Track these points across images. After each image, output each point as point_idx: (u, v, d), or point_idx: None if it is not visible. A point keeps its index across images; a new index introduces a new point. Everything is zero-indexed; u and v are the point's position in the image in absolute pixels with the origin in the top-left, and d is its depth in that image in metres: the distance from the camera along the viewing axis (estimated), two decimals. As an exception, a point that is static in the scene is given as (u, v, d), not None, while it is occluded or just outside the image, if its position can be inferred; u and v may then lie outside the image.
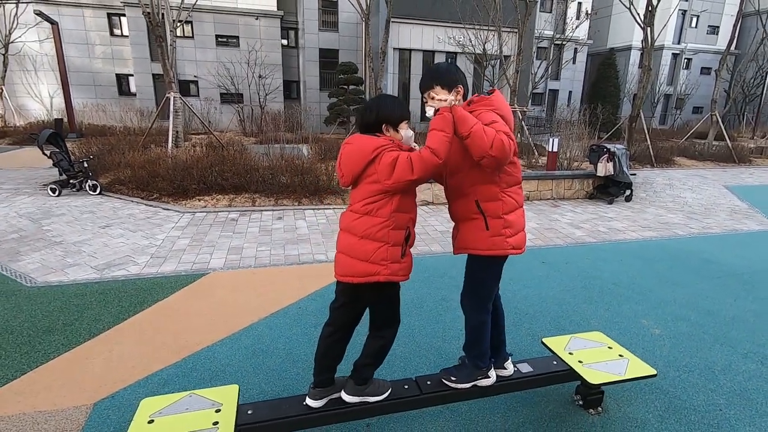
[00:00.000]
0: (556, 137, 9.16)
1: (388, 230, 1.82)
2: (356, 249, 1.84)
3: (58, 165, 7.24)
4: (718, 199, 8.60)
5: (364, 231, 1.83)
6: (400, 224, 1.86)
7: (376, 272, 1.83)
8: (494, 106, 1.91)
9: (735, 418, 2.38)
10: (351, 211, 1.89)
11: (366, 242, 1.83)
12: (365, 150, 1.79)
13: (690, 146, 15.02)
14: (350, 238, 1.87)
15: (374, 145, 1.79)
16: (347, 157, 1.84)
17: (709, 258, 5.05)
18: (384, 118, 1.89)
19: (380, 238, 1.83)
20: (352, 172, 1.83)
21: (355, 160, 1.81)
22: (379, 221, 1.82)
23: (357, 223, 1.85)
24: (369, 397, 2.02)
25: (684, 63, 28.32)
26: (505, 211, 1.95)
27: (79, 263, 4.36)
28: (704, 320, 3.51)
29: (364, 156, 1.78)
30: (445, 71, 1.94)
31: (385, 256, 1.83)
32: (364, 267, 1.83)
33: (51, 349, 2.88)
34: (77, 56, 19.45)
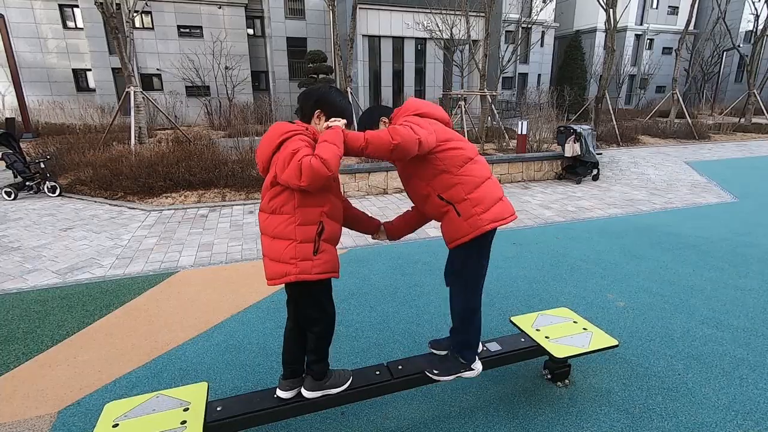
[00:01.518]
0: (525, 120, 9.30)
1: (294, 227, 1.73)
2: (270, 249, 1.77)
3: (12, 167, 6.89)
4: (679, 174, 8.95)
5: (273, 230, 1.75)
6: (309, 219, 1.74)
7: (286, 272, 1.73)
8: (408, 111, 1.99)
9: (692, 381, 2.50)
10: (261, 212, 1.81)
11: (277, 242, 1.75)
12: (275, 134, 1.69)
13: (653, 125, 15.51)
14: (265, 239, 1.80)
15: (282, 129, 1.69)
16: (261, 142, 1.75)
17: (671, 231, 5.27)
18: (322, 105, 1.80)
19: (287, 236, 1.73)
20: (262, 158, 1.74)
21: (266, 145, 1.71)
22: (284, 218, 1.73)
23: (267, 223, 1.77)
24: (330, 390, 1.97)
25: (647, 43, 29.12)
26: (467, 191, 1.91)
27: (39, 268, 4.19)
28: (665, 290, 3.67)
29: (272, 140, 1.69)
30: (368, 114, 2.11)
31: (294, 254, 1.73)
32: (277, 268, 1.75)
33: (11, 359, 2.77)
34: (28, 51, 18.42)
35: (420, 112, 1.98)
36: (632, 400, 2.34)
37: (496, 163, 8.06)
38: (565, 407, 2.30)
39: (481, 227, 1.90)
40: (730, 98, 25.71)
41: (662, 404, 2.32)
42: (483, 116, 11.98)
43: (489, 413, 2.26)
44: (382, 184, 7.30)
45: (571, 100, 16.32)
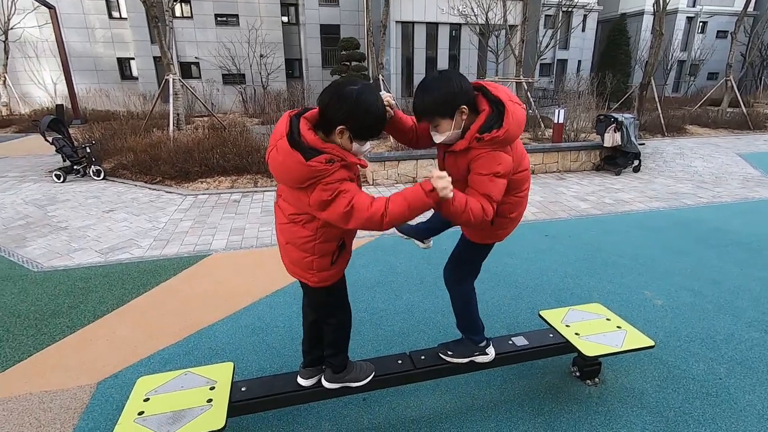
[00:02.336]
0: (562, 108, 8.93)
1: (313, 244, 1.61)
2: (285, 250, 1.70)
3: (61, 151, 7.28)
4: (731, 167, 8.38)
5: (291, 237, 1.63)
6: (331, 237, 1.62)
7: (305, 277, 1.70)
8: (507, 142, 1.62)
9: (735, 386, 2.36)
10: (279, 208, 1.66)
11: (291, 248, 1.65)
12: (297, 177, 1.42)
13: (703, 114, 14.57)
14: (281, 236, 1.69)
15: (308, 174, 1.40)
16: (275, 167, 1.47)
17: (718, 227, 4.95)
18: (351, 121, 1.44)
19: (306, 250, 1.63)
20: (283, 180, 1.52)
21: (285, 177, 1.47)
22: (305, 234, 1.59)
23: (284, 228, 1.64)
24: (350, 383, 1.96)
25: (699, 27, 27.22)
26: (511, 210, 1.85)
27: (84, 248, 4.42)
28: (708, 290, 3.46)
29: (294, 181, 1.44)
30: (438, 97, 1.60)
31: (311, 267, 1.66)
32: (295, 269, 1.71)
33: (56, 332, 2.95)
34: (78, 41, 19.32)
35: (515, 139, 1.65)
36: (667, 403, 2.23)
37: (531, 153, 7.80)
38: (593, 406, 2.22)
39: (499, 239, 1.97)
40: (792, 85, 23.73)
41: (700, 409, 2.19)
42: (519, 104, 11.60)
43: (512, 408, 2.21)
44: (411, 172, 7.24)
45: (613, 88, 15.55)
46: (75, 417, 2.20)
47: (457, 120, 1.64)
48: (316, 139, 1.43)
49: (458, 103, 1.61)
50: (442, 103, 1.60)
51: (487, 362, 2.18)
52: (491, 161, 1.60)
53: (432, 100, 1.61)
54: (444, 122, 1.64)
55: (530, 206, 5.84)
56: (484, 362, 2.18)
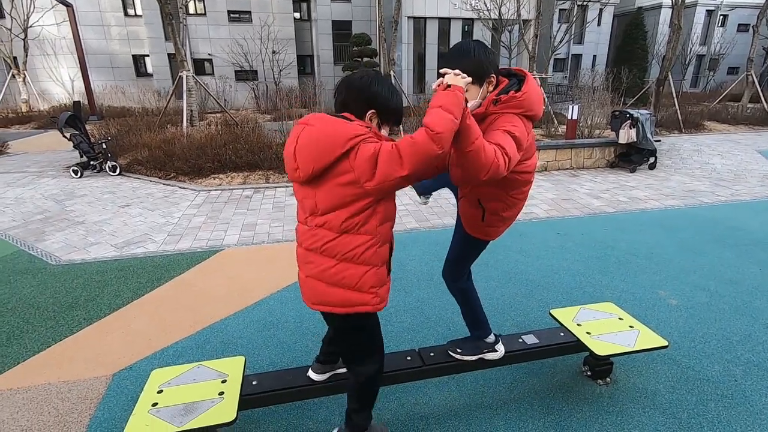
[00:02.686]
0: (576, 104, 8.80)
1: (374, 250, 1.43)
2: (334, 275, 1.44)
3: (78, 147, 7.43)
4: (750, 164, 8.17)
5: (344, 253, 1.42)
6: (386, 238, 1.48)
7: (364, 302, 1.47)
8: (524, 107, 1.59)
9: (751, 389, 2.31)
10: (320, 227, 1.42)
11: (347, 266, 1.43)
12: (337, 138, 1.29)
13: (722, 110, 14.23)
14: (323, 260, 1.45)
15: (350, 132, 1.30)
16: (308, 143, 1.33)
17: (736, 226, 4.84)
18: (377, 104, 1.43)
19: (366, 260, 1.43)
20: (313, 165, 1.33)
21: (322, 149, 1.30)
22: (364, 240, 1.41)
23: (332, 245, 1.41)
24: None
25: (719, 20, 26.52)
26: (505, 209, 1.83)
27: (100, 242, 4.51)
28: (725, 290, 3.39)
29: (335, 146, 1.29)
30: (471, 59, 1.55)
31: (374, 282, 1.46)
32: (346, 295, 1.45)
33: (74, 324, 3.02)
34: (94, 38, 19.62)
35: (530, 113, 1.63)
36: (680, 404, 2.20)
37: (543, 150, 7.72)
38: (604, 406, 2.20)
39: (493, 237, 1.94)
40: (817, 80, 22.99)
41: (714, 411, 2.16)
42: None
43: (522, 406, 2.21)
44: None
45: (629, 83, 15.26)
46: (92, 407, 2.25)
47: (483, 89, 1.62)
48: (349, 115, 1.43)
49: (489, 70, 1.60)
50: (477, 67, 1.55)
51: (497, 359, 2.17)
52: (506, 120, 1.56)
53: (467, 62, 1.54)
54: (472, 89, 1.59)
55: (542, 203, 5.78)
56: (494, 359, 2.17)
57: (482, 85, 1.61)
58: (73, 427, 2.12)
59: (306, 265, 1.51)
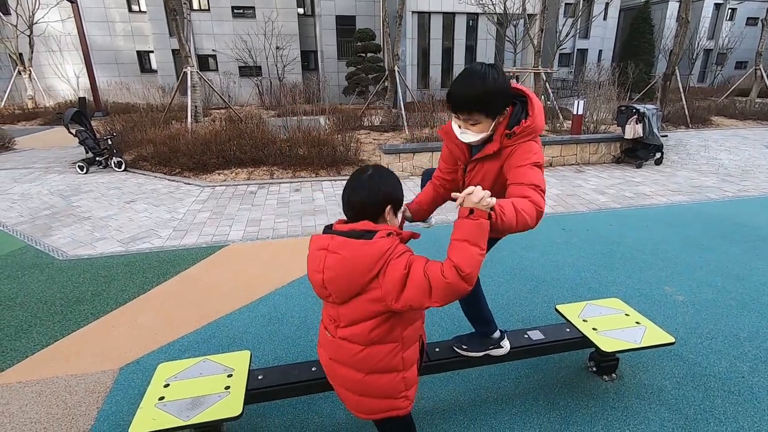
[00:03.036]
0: (582, 99, 8.73)
1: (401, 356, 1.41)
2: (365, 386, 1.42)
3: (84, 143, 7.46)
4: (758, 160, 8.09)
5: (372, 366, 1.39)
6: (413, 339, 1.45)
7: (396, 407, 1.45)
8: (535, 132, 1.54)
9: (758, 385, 2.29)
10: (347, 341, 1.39)
11: (376, 378, 1.40)
12: (366, 265, 1.27)
13: (730, 105, 14.08)
14: (352, 374, 1.42)
15: (376, 254, 1.26)
16: (338, 276, 1.30)
17: (743, 222, 4.80)
18: (392, 199, 1.39)
19: (394, 368, 1.41)
20: (348, 294, 1.32)
21: (354, 280, 1.29)
22: (391, 348, 1.39)
23: (360, 358, 1.38)
24: None
25: (728, 14, 26.20)
26: None
27: (106, 237, 4.54)
28: (732, 286, 3.36)
29: (365, 273, 1.27)
30: (491, 92, 1.45)
31: (404, 387, 1.44)
32: (379, 404, 1.45)
33: (81, 318, 3.05)
34: (99, 34, 19.68)
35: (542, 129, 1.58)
36: (687, 401, 2.19)
37: (548, 145, 7.67)
38: (610, 402, 2.19)
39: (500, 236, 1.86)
40: (827, 75, 22.69)
41: (721, 407, 2.14)
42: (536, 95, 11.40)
43: (527, 401, 2.20)
44: (426, 164, 7.19)
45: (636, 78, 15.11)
46: (99, 400, 2.27)
47: (497, 121, 1.54)
48: (365, 223, 1.34)
49: (506, 103, 1.53)
50: (495, 99, 1.48)
51: (502, 355, 2.17)
52: (526, 151, 1.52)
53: (484, 93, 1.46)
54: (485, 122, 1.53)
55: (547, 199, 5.71)
56: (500, 355, 2.17)
57: (495, 118, 1.54)
58: (81, 420, 2.14)
59: (332, 374, 1.50)
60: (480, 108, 1.50)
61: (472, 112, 1.52)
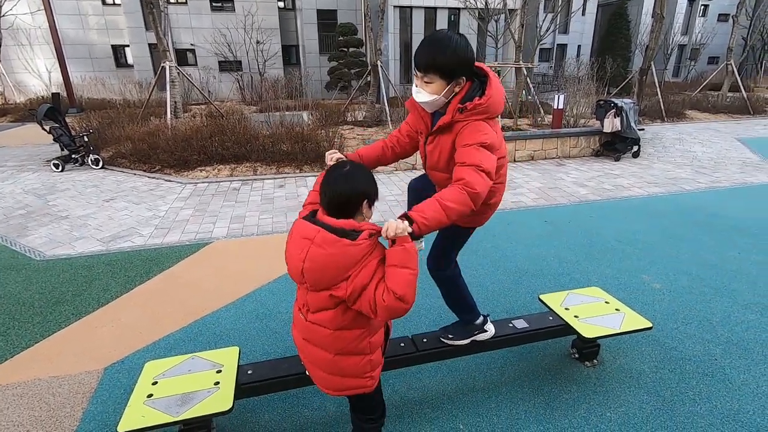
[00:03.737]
0: (562, 94, 8.88)
1: (368, 340, 1.52)
2: (334, 366, 1.52)
3: (59, 140, 7.24)
4: (729, 152, 8.39)
5: (339, 348, 1.49)
6: (379, 325, 1.57)
7: (362, 386, 1.57)
8: (489, 112, 1.59)
9: (730, 366, 2.41)
10: (316, 324, 1.48)
11: (345, 358, 1.51)
12: (344, 267, 1.36)
13: (703, 99, 14.52)
14: (322, 354, 1.52)
15: (360, 254, 1.36)
16: (318, 269, 1.38)
17: (716, 212, 4.98)
18: (368, 193, 1.47)
19: (360, 351, 1.51)
20: (322, 284, 1.41)
21: (330, 277, 1.38)
22: (357, 334, 1.49)
23: (329, 341, 1.48)
24: None
25: (700, 10, 26.91)
26: (490, 197, 1.82)
27: (86, 236, 4.44)
28: (706, 273, 3.50)
29: (345, 270, 1.37)
30: (451, 54, 1.52)
31: (370, 369, 1.55)
32: (347, 383, 1.56)
33: (62, 319, 2.98)
34: (71, 28, 19.02)
35: (496, 114, 1.63)
36: (664, 383, 2.28)
37: (530, 139, 7.80)
38: (591, 386, 2.27)
39: (477, 224, 1.94)
40: (793, 69, 23.58)
41: (696, 389, 2.24)
42: (518, 90, 11.53)
43: (513, 389, 2.26)
44: (410, 159, 7.23)
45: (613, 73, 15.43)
46: (84, 401, 2.24)
47: (450, 88, 1.59)
48: (351, 221, 1.41)
49: (463, 71, 1.57)
50: (452, 62, 1.53)
51: (489, 339, 2.21)
52: (475, 130, 1.56)
53: (443, 55, 1.52)
54: (439, 83, 1.57)
55: (529, 192, 5.85)
56: (486, 339, 2.21)
57: (450, 83, 1.58)
58: (66, 422, 2.11)
59: (304, 353, 1.60)
60: (436, 68, 1.55)
61: (428, 70, 1.57)
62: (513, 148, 7.74)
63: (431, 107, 1.67)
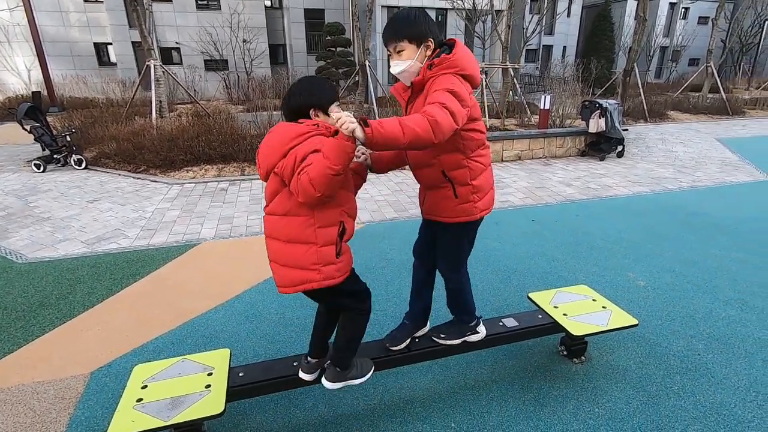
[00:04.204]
0: (548, 94, 9.00)
1: (313, 229, 1.59)
2: (284, 255, 1.63)
3: (40, 140, 7.07)
4: (710, 152, 8.59)
5: (287, 234, 1.60)
6: (329, 220, 1.61)
7: (306, 279, 1.62)
8: (458, 66, 1.67)
9: (712, 361, 2.47)
10: (269, 215, 1.65)
11: (292, 246, 1.60)
12: (283, 140, 1.52)
13: (684, 99, 14.84)
14: (275, 244, 1.65)
15: (296, 132, 1.53)
16: (265, 147, 1.58)
17: (697, 210, 5.10)
18: (315, 101, 1.64)
19: (306, 239, 1.59)
20: (266, 166, 1.57)
21: (271, 151, 1.55)
22: (301, 221, 1.58)
23: (279, 227, 1.62)
24: (352, 381, 1.92)
25: (681, 12, 27.51)
26: (472, 177, 1.85)
27: (69, 238, 4.35)
28: (689, 271, 3.59)
29: (283, 144, 1.52)
30: (412, 20, 1.70)
31: (316, 260, 1.60)
32: (293, 275, 1.62)
33: (46, 323, 2.92)
34: (51, 25, 18.59)
35: (466, 73, 1.69)
36: (649, 379, 2.34)
37: (517, 139, 7.88)
38: (580, 383, 2.31)
39: (473, 215, 1.91)
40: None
41: (680, 383, 2.30)
42: (505, 90, 11.65)
43: (503, 386, 2.29)
44: (400, 159, 7.23)
45: (598, 74, 15.68)
46: (70, 406, 2.20)
47: (421, 52, 1.70)
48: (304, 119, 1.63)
49: (428, 34, 1.70)
50: (414, 27, 1.69)
51: (479, 341, 2.24)
52: (443, 81, 1.63)
53: (405, 23, 1.70)
54: (409, 48, 1.70)
55: (517, 192, 5.92)
56: (476, 341, 2.24)
57: (420, 46, 1.70)
58: (51, 427, 2.07)
59: (268, 250, 1.71)
60: (400, 35, 1.70)
61: (395, 40, 1.71)
62: (500, 148, 7.81)
63: (409, 76, 1.74)
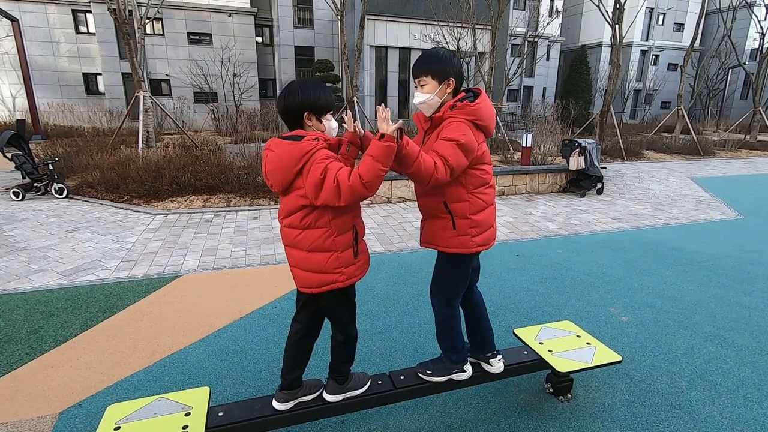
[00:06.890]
0: (530, 132, 9.33)
1: (333, 239, 1.74)
2: (307, 262, 1.77)
3: (21, 168, 6.97)
4: (684, 190, 8.93)
5: (309, 245, 1.75)
6: (344, 227, 1.77)
7: (333, 281, 1.78)
8: (476, 116, 1.81)
9: (696, 398, 2.48)
10: (288, 227, 1.77)
11: (314, 255, 1.76)
12: (290, 159, 1.62)
13: (658, 140, 15.53)
14: (298, 252, 1.78)
15: (301, 151, 1.62)
16: (273, 168, 1.67)
17: (675, 246, 5.25)
18: (309, 105, 1.71)
19: (327, 248, 1.75)
20: (281, 183, 1.68)
21: (282, 171, 1.65)
22: (321, 233, 1.73)
23: (299, 239, 1.75)
24: (351, 392, 2.04)
25: (652, 59, 29.27)
26: (472, 211, 1.91)
27: (45, 269, 4.21)
28: (669, 306, 3.65)
29: (291, 166, 1.62)
30: (438, 58, 1.84)
31: (338, 264, 1.77)
32: (319, 278, 1.78)
33: (14, 359, 2.78)
34: (41, 54, 18.72)
35: (481, 123, 1.84)
36: (635, 417, 2.33)
37: (501, 175, 8.08)
38: (566, 422, 2.28)
39: (469, 248, 1.96)
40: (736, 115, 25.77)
41: (665, 422, 2.30)
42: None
43: (489, 426, 2.25)
44: (386, 193, 7.33)
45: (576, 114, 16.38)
46: (35, 450, 2.07)
47: (442, 88, 1.84)
48: (300, 130, 1.74)
49: (450, 73, 1.84)
50: (439, 64, 1.83)
51: (465, 379, 2.22)
52: (456, 128, 1.77)
53: (431, 60, 1.85)
54: (431, 83, 1.84)
55: (501, 227, 6.01)
56: (462, 379, 2.21)
57: (441, 83, 1.83)
58: (13, 474, 1.93)
59: (287, 256, 1.85)
60: (426, 70, 1.85)
61: (420, 74, 1.87)
62: (485, 183, 7.97)
63: (428, 109, 1.89)
